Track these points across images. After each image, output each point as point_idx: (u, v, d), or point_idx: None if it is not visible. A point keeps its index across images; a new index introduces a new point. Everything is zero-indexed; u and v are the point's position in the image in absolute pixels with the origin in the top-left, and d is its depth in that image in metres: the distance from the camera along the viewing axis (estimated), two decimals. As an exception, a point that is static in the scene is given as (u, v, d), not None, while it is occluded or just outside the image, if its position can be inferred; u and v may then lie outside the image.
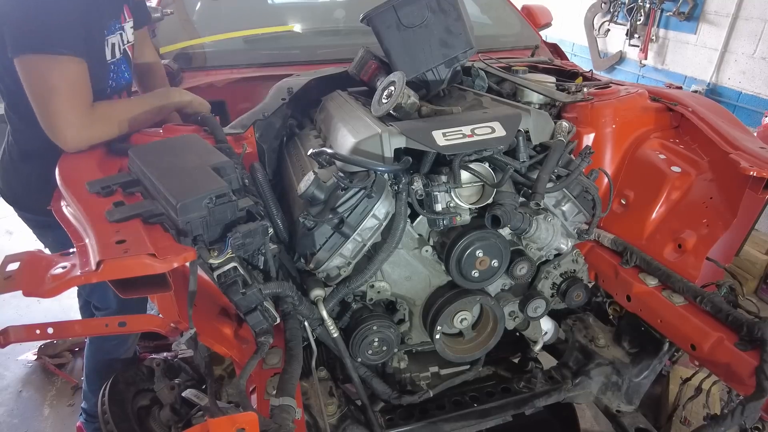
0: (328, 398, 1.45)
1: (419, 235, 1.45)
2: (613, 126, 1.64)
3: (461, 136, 1.30)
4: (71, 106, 1.27)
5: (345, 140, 1.37)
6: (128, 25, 1.56)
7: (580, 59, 6.73)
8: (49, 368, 2.62)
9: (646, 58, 5.79)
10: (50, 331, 1.07)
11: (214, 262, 1.06)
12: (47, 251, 1.67)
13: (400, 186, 1.27)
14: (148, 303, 2.00)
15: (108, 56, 1.47)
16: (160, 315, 1.09)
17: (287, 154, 1.71)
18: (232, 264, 1.10)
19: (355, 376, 1.44)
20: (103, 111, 1.36)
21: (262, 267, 1.25)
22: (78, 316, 2.17)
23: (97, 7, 1.38)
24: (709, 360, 1.31)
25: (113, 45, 1.48)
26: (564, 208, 1.51)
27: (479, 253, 1.37)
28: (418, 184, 1.29)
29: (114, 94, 1.55)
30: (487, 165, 1.36)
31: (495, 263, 1.41)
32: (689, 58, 5.34)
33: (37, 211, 1.52)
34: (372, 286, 1.44)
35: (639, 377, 1.65)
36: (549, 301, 1.63)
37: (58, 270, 0.91)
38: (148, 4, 1.83)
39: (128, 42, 1.57)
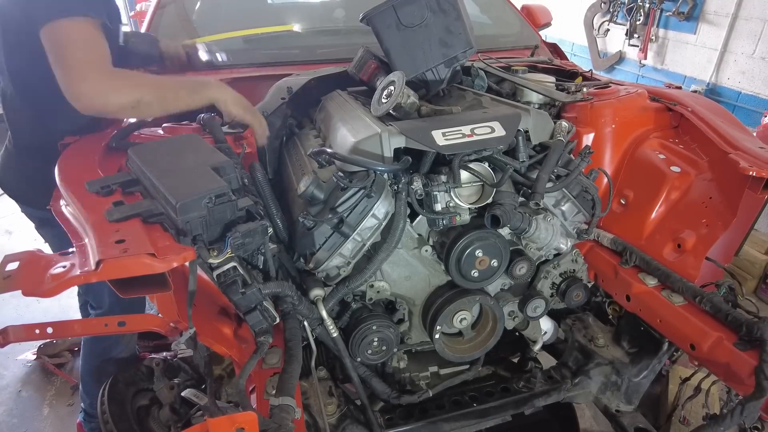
0: (327, 398, 1.45)
1: (419, 234, 1.45)
2: (613, 126, 1.63)
3: (461, 135, 1.29)
4: (88, 60, 1.22)
5: (345, 140, 1.37)
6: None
7: (580, 59, 6.73)
8: (49, 368, 2.62)
9: (645, 58, 5.79)
10: (49, 330, 1.07)
11: (213, 261, 1.06)
12: (47, 247, 1.67)
13: (400, 186, 1.27)
14: (147, 303, 2.00)
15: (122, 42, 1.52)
16: (160, 315, 1.09)
17: (287, 153, 1.71)
18: (232, 264, 1.10)
19: (354, 376, 1.44)
20: (125, 73, 1.29)
21: (261, 267, 1.24)
22: (78, 316, 2.17)
23: None
24: (709, 360, 1.31)
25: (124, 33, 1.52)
26: (563, 208, 1.51)
27: (479, 253, 1.37)
28: (417, 184, 1.29)
29: None
30: (486, 165, 1.36)
31: (494, 263, 1.41)
32: (689, 58, 5.33)
33: (37, 206, 1.53)
34: (371, 286, 1.44)
35: (638, 377, 1.65)
36: (548, 301, 1.63)
37: (57, 270, 0.91)
38: (147, 4, 1.84)
39: None
